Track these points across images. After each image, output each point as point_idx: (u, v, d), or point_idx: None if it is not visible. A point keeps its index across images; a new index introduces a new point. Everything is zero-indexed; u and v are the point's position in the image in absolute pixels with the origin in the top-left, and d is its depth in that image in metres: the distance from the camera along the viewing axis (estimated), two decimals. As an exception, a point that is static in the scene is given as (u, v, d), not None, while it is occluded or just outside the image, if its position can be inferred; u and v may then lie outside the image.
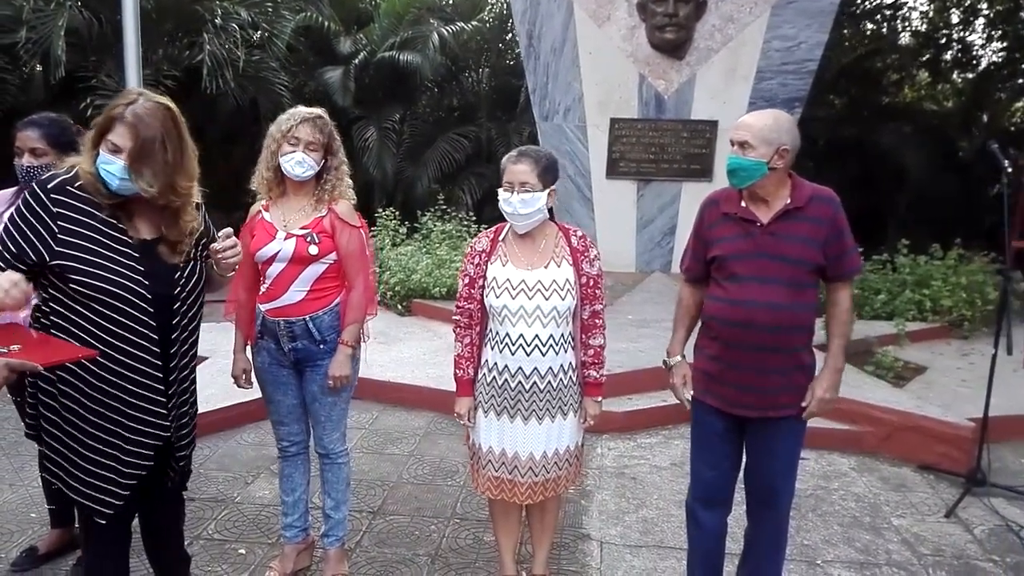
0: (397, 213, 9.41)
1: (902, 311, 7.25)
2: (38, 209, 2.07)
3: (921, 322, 7.14)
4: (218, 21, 8.81)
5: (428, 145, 11.81)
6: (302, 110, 2.95)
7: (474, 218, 9.12)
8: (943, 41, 15.05)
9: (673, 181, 8.75)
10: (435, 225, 8.88)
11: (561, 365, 2.81)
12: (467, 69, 13.03)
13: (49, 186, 2.10)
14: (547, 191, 2.76)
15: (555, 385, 2.81)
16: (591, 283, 2.83)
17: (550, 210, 2.82)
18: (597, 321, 2.87)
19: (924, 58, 15.16)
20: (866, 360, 5.87)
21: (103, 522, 2.23)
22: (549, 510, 3.09)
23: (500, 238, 2.86)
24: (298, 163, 2.85)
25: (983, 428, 4.23)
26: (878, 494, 4.24)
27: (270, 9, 10.16)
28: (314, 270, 2.89)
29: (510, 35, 12.66)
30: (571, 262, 2.81)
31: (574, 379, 2.86)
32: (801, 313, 2.65)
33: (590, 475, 4.39)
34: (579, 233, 2.88)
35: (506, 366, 2.80)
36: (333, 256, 2.92)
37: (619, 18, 8.48)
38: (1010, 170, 4.00)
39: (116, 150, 2.07)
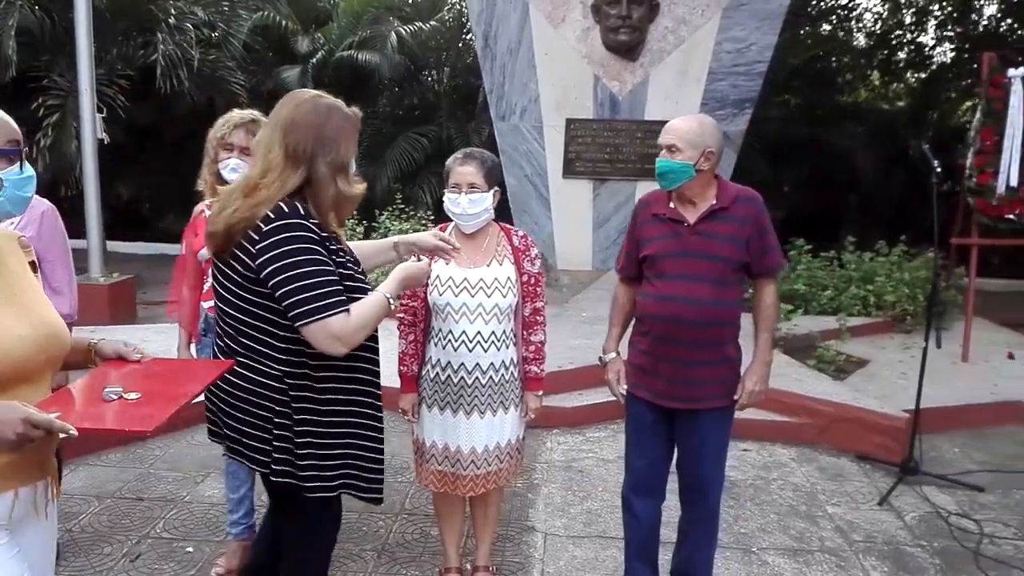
0: (355, 212, 9.40)
1: (847, 306, 7.46)
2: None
3: (865, 317, 7.36)
4: (172, 20, 8.74)
5: (387, 145, 11.82)
6: (235, 115, 3.00)
7: (432, 217, 9.14)
8: (895, 42, 15.45)
9: (628, 181, 8.87)
10: (392, 225, 8.90)
11: (503, 361, 2.90)
12: (427, 68, 13.06)
13: None
14: (492, 192, 2.86)
15: (496, 380, 2.89)
16: (532, 281, 2.93)
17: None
18: (538, 318, 2.97)
19: (877, 59, 15.55)
20: (809, 354, 6.04)
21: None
22: (491, 503, 3.17)
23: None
24: (232, 170, 2.91)
25: (915, 419, 4.40)
26: (815, 483, 4.39)
27: (226, 8, 10.11)
28: (256, 269, 2.93)
29: (469, 35, 12.69)
30: (513, 261, 2.90)
31: (515, 374, 2.95)
32: (727, 309, 2.77)
33: (538, 469, 4.48)
34: (520, 233, 2.99)
35: (449, 362, 2.88)
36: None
37: (574, 19, 8.59)
38: (939, 170, 4.16)
39: None
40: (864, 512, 4.06)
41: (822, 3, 15.06)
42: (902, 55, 15.67)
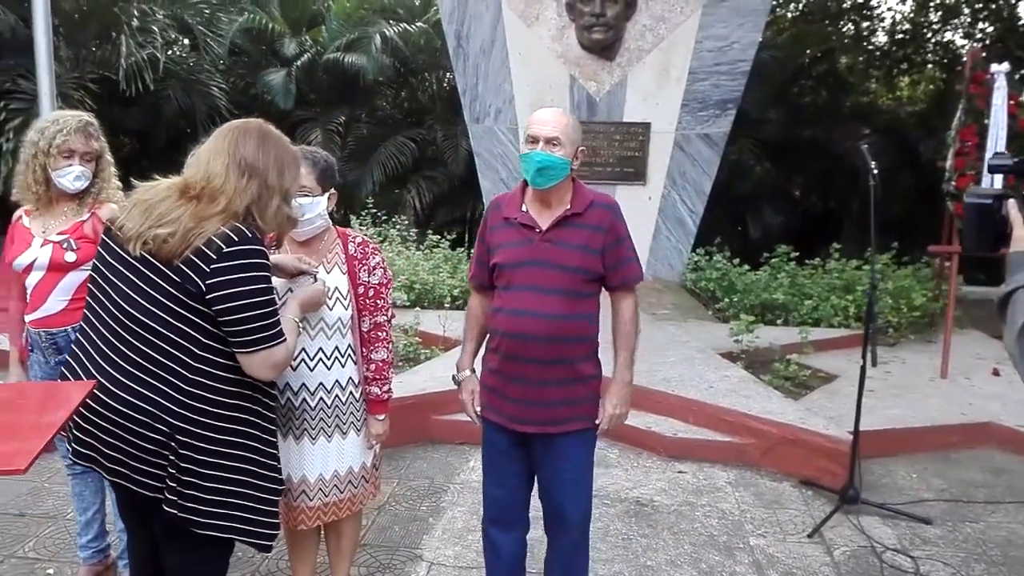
0: (333, 215, 9.24)
1: (828, 317, 7.08)
2: None
3: (844, 329, 6.97)
4: (135, 23, 8.62)
5: (374, 148, 11.64)
6: (69, 117, 2.76)
7: (406, 221, 8.94)
8: (915, 39, 14.86)
9: (607, 184, 8.55)
10: (364, 231, 8.69)
11: (337, 380, 2.63)
12: (417, 71, 12.85)
13: None
14: (327, 195, 2.61)
15: (330, 402, 2.62)
16: (371, 293, 2.66)
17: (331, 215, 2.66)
18: (379, 334, 2.69)
19: (891, 58, 15.01)
20: (764, 369, 5.69)
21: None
22: (345, 534, 2.90)
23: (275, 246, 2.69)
24: (76, 178, 2.70)
25: (855, 442, 4.05)
26: (746, 511, 4.05)
27: (206, 12, 9.99)
28: (75, 278, 2.71)
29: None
30: (345, 270, 2.63)
31: (355, 395, 2.68)
32: (580, 323, 2.52)
33: (450, 490, 4.21)
34: (358, 239, 2.71)
35: (288, 384, 2.62)
36: (96, 262, 2.75)
37: (548, 18, 8.32)
38: (876, 171, 3.81)
39: None
40: (790, 545, 3.72)
41: (831, 3, 14.56)
42: (926, 55, 15.12)
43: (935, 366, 6.14)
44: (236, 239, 1.95)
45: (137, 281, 1.98)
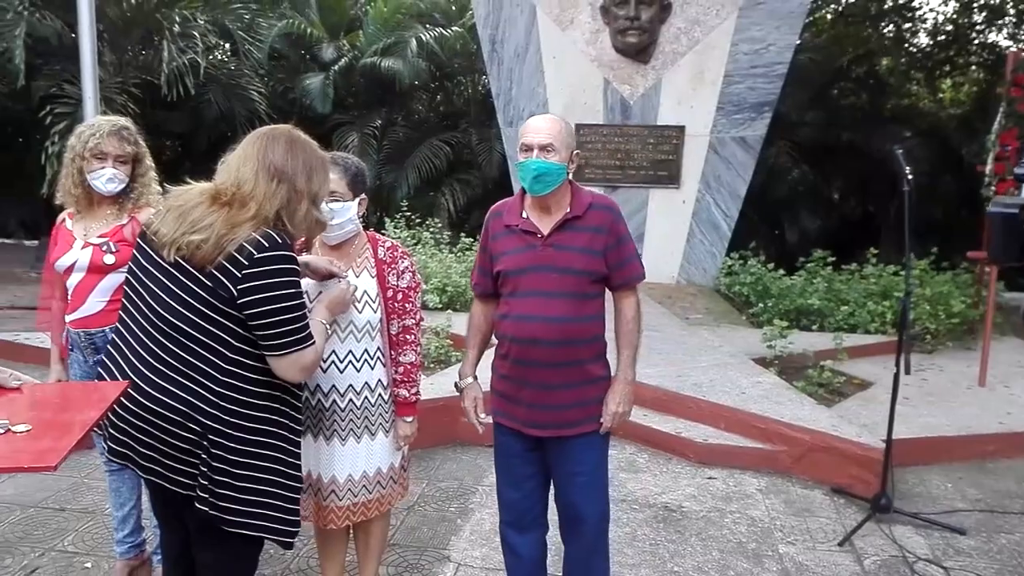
0: (364, 220, 9.34)
1: (864, 323, 6.99)
2: None
3: (881, 335, 6.87)
4: (177, 29, 8.82)
5: (410, 151, 11.74)
6: (103, 121, 2.85)
7: (439, 224, 9.01)
8: (958, 40, 14.55)
9: (640, 188, 8.56)
10: (397, 233, 8.77)
11: (366, 382, 2.68)
12: (452, 75, 12.94)
13: None
14: (357, 200, 2.66)
15: (359, 404, 2.67)
16: (399, 297, 2.70)
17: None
18: (408, 337, 2.73)
19: (934, 60, 14.74)
20: (797, 375, 5.64)
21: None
22: (374, 533, 2.94)
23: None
24: (109, 180, 2.78)
25: (887, 450, 4.00)
26: (775, 518, 4.02)
27: (246, 17, 10.17)
28: (113, 279, 2.79)
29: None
30: (374, 273, 2.68)
31: (384, 397, 2.73)
32: (587, 325, 2.56)
33: (479, 492, 4.24)
34: (388, 244, 2.76)
35: (319, 385, 2.67)
36: (135, 265, 2.83)
37: (582, 22, 8.34)
38: (910, 176, 3.77)
39: None
40: (819, 553, 3.68)
41: (872, 5, 14.33)
42: (970, 56, 14.81)
43: (973, 374, 6.03)
44: (267, 245, 1.99)
45: (171, 285, 2.03)
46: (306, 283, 2.59)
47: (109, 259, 2.76)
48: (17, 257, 11.36)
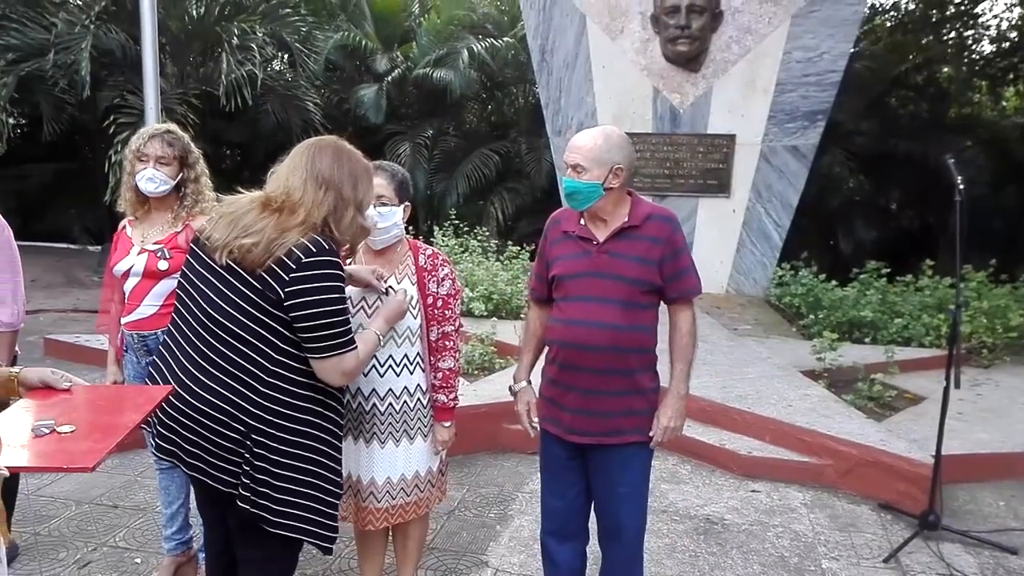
0: (411, 229, 9.47)
1: (918, 336, 6.82)
2: None
3: (936, 348, 6.69)
4: (235, 41, 9.07)
5: (460, 160, 11.87)
6: (150, 127, 2.98)
7: (487, 232, 9.07)
8: (1023, 48, 14.14)
9: (689, 196, 8.51)
10: (445, 241, 8.85)
11: (405, 387, 2.73)
12: (503, 85, 13.04)
13: None
14: (402, 206, 2.72)
15: (399, 408, 2.72)
16: (439, 303, 2.75)
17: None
18: (447, 343, 2.79)
19: (997, 67, 14.34)
20: (847, 389, 5.53)
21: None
22: (412, 536, 2.99)
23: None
24: (149, 179, 2.88)
25: (936, 466, 3.90)
26: (820, 533, 3.96)
27: (303, 29, 10.41)
28: (166, 285, 2.90)
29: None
30: (415, 280, 2.74)
31: (423, 402, 2.78)
32: (637, 335, 2.55)
33: (519, 499, 4.26)
34: (429, 252, 2.81)
35: (359, 389, 2.74)
36: (189, 271, 2.93)
37: (632, 31, 8.34)
38: (962, 186, 3.69)
39: None
40: (864, 569, 3.61)
41: (933, 13, 14.00)
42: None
43: (1033, 389, 5.84)
44: (314, 250, 2.06)
45: (222, 287, 2.11)
46: (350, 290, 2.66)
47: (163, 265, 2.87)
48: (81, 262, 11.79)
